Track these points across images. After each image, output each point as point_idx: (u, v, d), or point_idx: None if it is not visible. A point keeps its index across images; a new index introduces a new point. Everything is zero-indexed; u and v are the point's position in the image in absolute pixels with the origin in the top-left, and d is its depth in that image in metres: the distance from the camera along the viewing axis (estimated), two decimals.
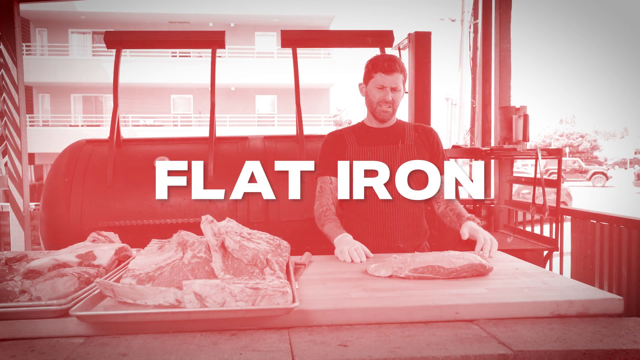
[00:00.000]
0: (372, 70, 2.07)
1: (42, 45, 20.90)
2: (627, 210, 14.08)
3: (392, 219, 2.06)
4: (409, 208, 2.07)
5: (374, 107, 2.10)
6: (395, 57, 2.09)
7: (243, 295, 1.12)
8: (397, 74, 2.04)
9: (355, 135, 2.15)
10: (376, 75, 2.06)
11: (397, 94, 2.07)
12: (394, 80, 2.04)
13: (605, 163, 42.71)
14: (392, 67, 2.04)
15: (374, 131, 2.15)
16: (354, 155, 2.09)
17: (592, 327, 1.17)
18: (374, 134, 2.14)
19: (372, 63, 2.09)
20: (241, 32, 21.26)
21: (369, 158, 2.07)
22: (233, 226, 1.51)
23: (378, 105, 2.08)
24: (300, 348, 1.04)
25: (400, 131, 2.15)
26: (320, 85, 20.91)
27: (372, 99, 2.09)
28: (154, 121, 21.28)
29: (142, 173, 2.92)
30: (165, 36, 3.31)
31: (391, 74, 2.04)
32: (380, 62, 2.06)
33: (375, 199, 2.01)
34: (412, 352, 1.02)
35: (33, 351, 1.04)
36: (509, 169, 4.18)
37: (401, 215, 2.06)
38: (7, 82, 3.73)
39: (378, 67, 2.05)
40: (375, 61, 2.08)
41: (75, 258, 1.46)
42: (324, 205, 2.07)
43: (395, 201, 2.01)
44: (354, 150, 2.10)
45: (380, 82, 2.05)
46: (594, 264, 3.24)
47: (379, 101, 2.07)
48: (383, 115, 2.09)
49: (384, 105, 2.07)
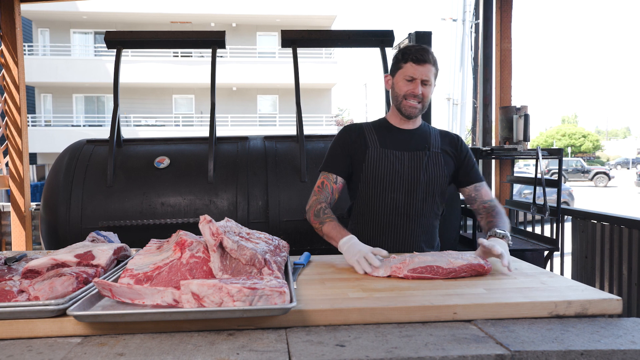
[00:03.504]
0: (402, 60, 1.87)
1: (44, 45, 20.94)
2: (629, 210, 14.06)
3: (405, 228, 1.94)
4: (424, 221, 1.97)
5: (399, 100, 1.89)
6: (427, 48, 1.88)
7: (240, 295, 1.12)
8: (429, 66, 1.84)
9: (377, 133, 1.95)
10: (406, 65, 1.86)
11: (428, 89, 1.87)
12: (425, 71, 1.84)
13: (608, 163, 42.66)
14: (425, 56, 1.84)
15: (398, 132, 1.96)
16: (376, 159, 1.91)
17: (590, 327, 1.17)
18: (398, 135, 1.95)
19: (401, 52, 1.89)
20: (243, 32, 21.27)
21: (392, 164, 1.90)
22: (232, 226, 1.50)
23: (405, 99, 1.87)
24: (298, 348, 1.04)
25: (426, 136, 1.96)
26: (322, 85, 20.91)
27: (398, 92, 1.89)
28: (156, 121, 21.31)
29: (142, 173, 2.93)
30: (166, 36, 3.31)
31: (423, 65, 1.84)
32: (411, 51, 1.86)
33: (389, 208, 1.92)
34: (409, 352, 1.02)
35: (30, 351, 1.04)
36: (509, 169, 4.18)
37: (416, 226, 1.95)
38: (8, 82, 3.73)
39: (408, 56, 1.85)
40: (405, 50, 1.88)
41: (74, 258, 1.46)
42: (322, 202, 1.88)
43: (411, 213, 1.92)
44: (376, 154, 1.91)
45: (410, 73, 1.85)
46: (594, 264, 3.23)
47: (406, 94, 1.86)
48: (410, 111, 1.88)
49: (412, 100, 1.86)
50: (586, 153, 43.70)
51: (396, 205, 1.93)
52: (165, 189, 2.87)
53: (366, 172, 1.92)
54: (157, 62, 19.82)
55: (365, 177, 1.93)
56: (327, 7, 20.43)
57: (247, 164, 2.97)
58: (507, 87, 4.14)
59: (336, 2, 20.54)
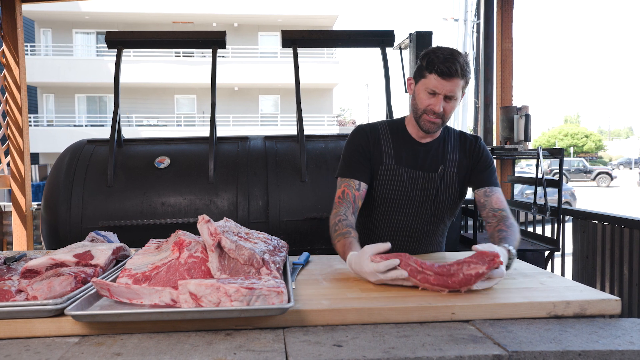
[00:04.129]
0: (426, 69, 1.67)
1: (47, 45, 21.00)
2: (632, 210, 14.03)
3: (412, 241, 1.89)
4: (429, 241, 1.91)
5: (418, 113, 1.73)
6: (458, 56, 1.64)
7: (238, 295, 1.12)
8: (456, 80, 1.64)
9: (393, 142, 1.82)
10: (430, 76, 1.66)
11: (451, 104, 1.69)
12: (450, 87, 1.64)
13: (610, 163, 42.58)
14: (453, 70, 1.62)
15: (415, 145, 1.81)
16: (389, 178, 1.80)
17: (588, 327, 1.16)
18: (414, 150, 1.81)
19: (427, 59, 1.66)
20: (245, 32, 21.29)
21: (405, 183, 1.79)
22: (230, 226, 1.50)
23: (425, 113, 1.71)
24: (295, 348, 1.04)
25: (444, 149, 1.82)
26: (324, 85, 20.93)
27: (419, 104, 1.72)
28: (158, 121, 21.35)
29: (142, 173, 2.93)
30: (166, 36, 3.31)
31: (450, 80, 1.63)
32: (438, 59, 1.63)
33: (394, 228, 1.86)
34: (407, 352, 1.01)
35: (28, 350, 1.04)
36: (510, 169, 4.17)
37: (421, 246, 1.89)
38: (10, 82, 3.74)
39: (434, 67, 1.63)
40: (432, 58, 1.65)
41: (73, 257, 1.46)
42: (339, 215, 1.69)
43: (416, 234, 1.86)
44: (390, 172, 1.80)
45: (432, 86, 1.66)
46: (595, 264, 3.23)
47: (426, 108, 1.70)
48: (428, 127, 1.73)
49: (432, 115, 1.70)
50: (589, 153, 43.63)
51: (401, 226, 1.86)
52: (165, 189, 2.87)
53: (376, 190, 1.82)
54: (159, 62, 19.86)
55: (374, 194, 1.84)
56: (329, 7, 20.44)
57: (248, 164, 2.97)
58: (508, 87, 4.13)
59: (338, 2, 20.55)
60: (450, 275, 1.30)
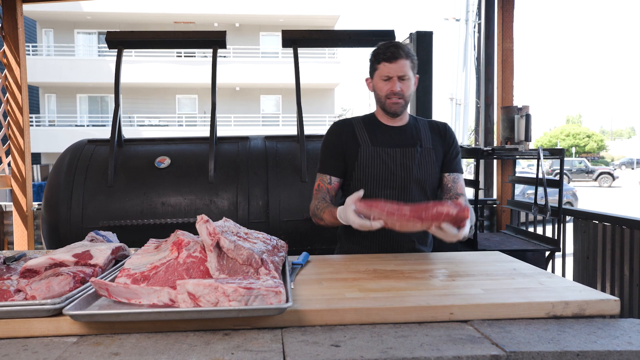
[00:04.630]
0: (375, 62, 1.92)
1: (48, 45, 21.03)
2: (634, 210, 14.01)
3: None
4: None
5: (382, 100, 1.93)
6: (398, 43, 1.91)
7: (236, 295, 1.12)
8: (402, 61, 1.87)
9: (367, 130, 1.98)
10: (380, 66, 1.90)
11: (406, 83, 1.90)
12: (399, 67, 1.87)
13: (612, 163, 42.51)
14: (396, 53, 1.87)
15: (387, 129, 1.98)
16: (368, 157, 1.94)
17: (587, 328, 1.16)
18: (388, 132, 1.97)
19: (374, 54, 1.93)
20: (246, 32, 21.30)
21: (385, 162, 1.93)
22: (229, 226, 1.51)
23: (387, 99, 1.91)
24: (292, 348, 1.04)
25: (417, 131, 1.99)
26: (325, 85, 20.92)
27: (379, 92, 1.93)
28: (159, 121, 21.36)
29: (143, 173, 2.94)
30: (167, 36, 3.32)
31: (395, 62, 1.87)
32: (382, 50, 1.89)
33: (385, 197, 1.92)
34: (404, 352, 1.01)
35: (26, 350, 1.04)
36: (511, 169, 4.17)
37: None
38: (10, 82, 3.75)
39: (380, 56, 1.89)
40: (376, 51, 1.92)
41: (72, 257, 1.46)
42: (318, 199, 1.95)
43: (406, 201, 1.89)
44: (368, 152, 1.94)
45: (385, 73, 1.88)
46: (596, 264, 3.22)
47: (387, 93, 1.90)
48: (394, 108, 1.92)
49: (393, 97, 1.90)
50: (590, 153, 43.57)
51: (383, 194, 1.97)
52: (165, 189, 2.88)
53: (359, 171, 1.96)
54: (160, 62, 19.88)
55: (358, 175, 1.96)
56: (331, 7, 20.43)
57: (248, 164, 2.97)
58: (508, 87, 4.13)
59: (339, 2, 20.55)
60: (425, 208, 1.44)
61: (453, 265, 1.65)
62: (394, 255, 1.81)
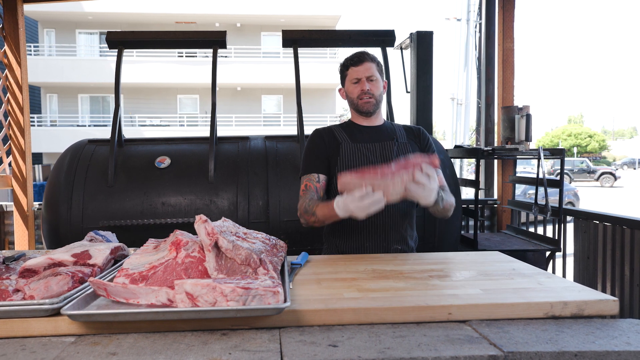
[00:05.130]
0: (344, 69, 2.06)
1: (50, 45, 21.06)
2: (636, 210, 13.98)
3: (388, 218, 2.00)
4: (404, 208, 2.02)
5: (355, 102, 2.04)
6: (362, 50, 2.07)
7: (234, 295, 1.12)
8: (368, 63, 2.00)
9: (346, 132, 2.07)
10: (349, 72, 2.03)
11: (375, 83, 2.02)
12: (366, 69, 2.00)
13: (614, 163, 42.44)
14: (362, 57, 2.01)
15: (364, 129, 2.08)
16: (349, 153, 2.01)
17: (586, 328, 1.16)
18: (366, 131, 2.07)
19: (342, 64, 2.07)
20: (247, 32, 21.31)
21: (365, 156, 2.01)
22: (228, 226, 1.50)
23: (359, 99, 2.02)
24: (290, 348, 1.04)
25: (392, 130, 2.10)
26: (326, 85, 20.92)
27: (351, 95, 2.04)
28: (161, 121, 21.38)
29: (143, 173, 2.94)
30: (167, 36, 3.32)
31: (361, 64, 2.00)
32: (349, 58, 2.04)
33: None
34: (402, 352, 1.01)
35: (24, 350, 1.04)
36: (512, 169, 4.16)
37: (397, 215, 2.01)
38: (11, 82, 3.75)
39: (347, 62, 2.04)
40: (345, 61, 2.07)
41: (71, 257, 1.46)
42: (306, 199, 1.96)
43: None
44: (349, 148, 2.02)
45: (354, 75, 2.01)
46: (596, 264, 3.22)
47: (358, 94, 2.02)
48: (366, 107, 2.02)
49: (364, 97, 2.01)
50: (592, 153, 43.50)
51: None
52: (166, 189, 2.88)
53: (341, 166, 2.01)
54: (161, 62, 19.89)
55: (340, 170, 1.99)
56: (332, 7, 20.43)
57: (248, 164, 2.98)
58: (509, 87, 4.12)
59: (340, 2, 20.54)
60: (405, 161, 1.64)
61: (452, 265, 1.65)
62: (393, 256, 1.80)
